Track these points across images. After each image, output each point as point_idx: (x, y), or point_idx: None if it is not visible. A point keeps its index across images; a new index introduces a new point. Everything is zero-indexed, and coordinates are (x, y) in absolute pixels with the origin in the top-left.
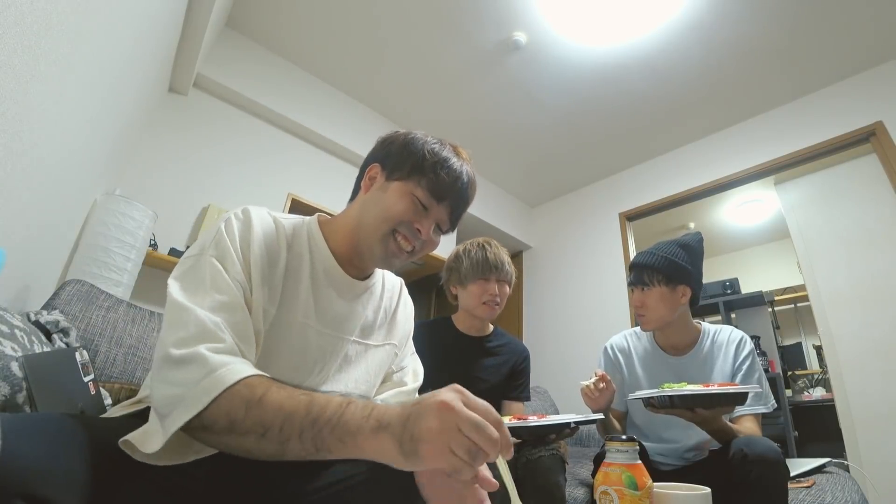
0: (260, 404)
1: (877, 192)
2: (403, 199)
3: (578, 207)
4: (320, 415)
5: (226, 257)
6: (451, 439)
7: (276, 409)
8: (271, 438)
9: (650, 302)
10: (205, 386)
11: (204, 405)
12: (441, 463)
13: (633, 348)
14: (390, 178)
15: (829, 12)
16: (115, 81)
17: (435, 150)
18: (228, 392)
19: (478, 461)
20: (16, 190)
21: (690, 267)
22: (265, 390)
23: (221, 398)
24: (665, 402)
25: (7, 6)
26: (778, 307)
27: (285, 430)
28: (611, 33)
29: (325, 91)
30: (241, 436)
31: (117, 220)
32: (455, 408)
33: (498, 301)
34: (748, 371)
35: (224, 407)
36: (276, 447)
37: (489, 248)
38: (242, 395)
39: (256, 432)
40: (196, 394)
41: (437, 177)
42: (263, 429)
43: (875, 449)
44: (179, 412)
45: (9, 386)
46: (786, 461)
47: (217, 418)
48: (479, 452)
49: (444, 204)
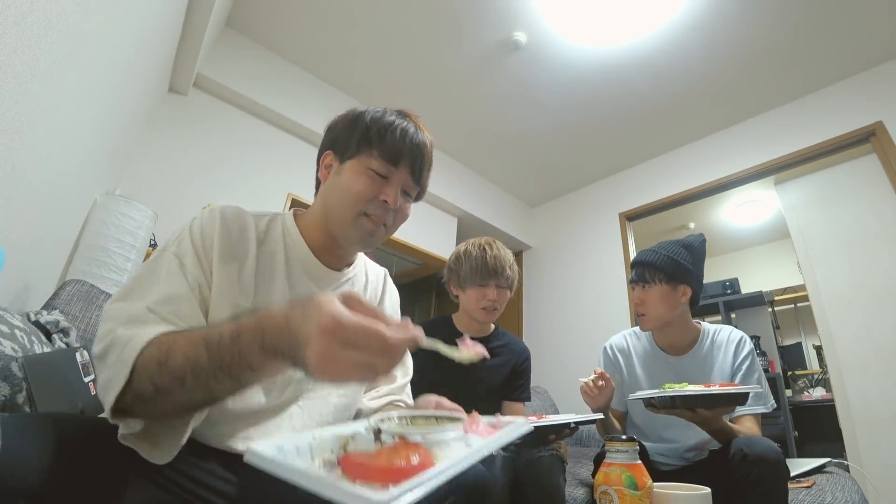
0: (168, 360)
1: (877, 192)
2: (360, 176)
3: (578, 207)
4: (222, 358)
5: (185, 254)
6: (340, 364)
7: (183, 361)
8: (192, 387)
9: (651, 300)
10: (123, 359)
11: (126, 377)
12: (342, 380)
13: (632, 348)
14: (343, 160)
15: (829, 12)
16: (116, 81)
17: (377, 117)
18: (141, 358)
19: (378, 371)
20: (16, 190)
21: (692, 267)
22: (170, 345)
23: (138, 366)
24: (666, 402)
25: (7, 6)
26: (778, 307)
27: (200, 377)
28: (611, 33)
29: (326, 91)
30: (168, 394)
31: (117, 220)
32: (335, 330)
33: (496, 307)
34: (748, 371)
35: (143, 373)
36: (203, 393)
37: (490, 250)
38: (153, 357)
39: (177, 387)
40: (117, 371)
41: (384, 142)
42: (181, 382)
43: (875, 449)
44: (111, 392)
45: (9, 386)
46: (786, 461)
47: (143, 386)
48: (373, 366)
49: (403, 166)
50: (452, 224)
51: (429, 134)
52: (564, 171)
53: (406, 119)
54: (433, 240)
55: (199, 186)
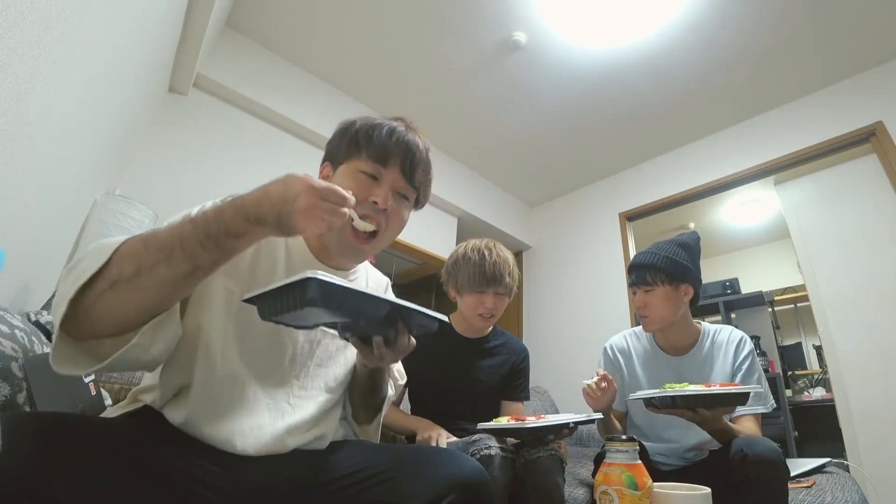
0: (154, 237)
1: (877, 192)
2: (349, 178)
3: (578, 207)
4: (208, 227)
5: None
6: (319, 209)
7: (169, 235)
8: (178, 257)
9: (654, 302)
10: (98, 249)
11: (101, 263)
12: (315, 229)
13: (632, 349)
14: (336, 166)
15: (829, 12)
16: (115, 81)
17: (365, 122)
18: (122, 247)
19: (337, 216)
20: (16, 190)
21: (691, 265)
22: (153, 232)
23: (118, 252)
24: (667, 402)
25: (7, 6)
26: (778, 307)
27: (186, 246)
28: (611, 33)
29: (326, 91)
30: (151, 269)
31: (117, 220)
32: (316, 187)
33: (493, 314)
34: (748, 371)
35: (124, 255)
36: (187, 263)
37: (489, 256)
38: (135, 241)
39: (162, 259)
40: (91, 259)
41: (372, 142)
42: (168, 252)
43: (875, 449)
44: (80, 275)
45: (9, 386)
46: (786, 461)
47: (122, 268)
48: (335, 210)
49: (392, 165)
50: (452, 224)
51: (423, 137)
52: (564, 171)
53: (396, 121)
54: (433, 240)
55: (199, 186)
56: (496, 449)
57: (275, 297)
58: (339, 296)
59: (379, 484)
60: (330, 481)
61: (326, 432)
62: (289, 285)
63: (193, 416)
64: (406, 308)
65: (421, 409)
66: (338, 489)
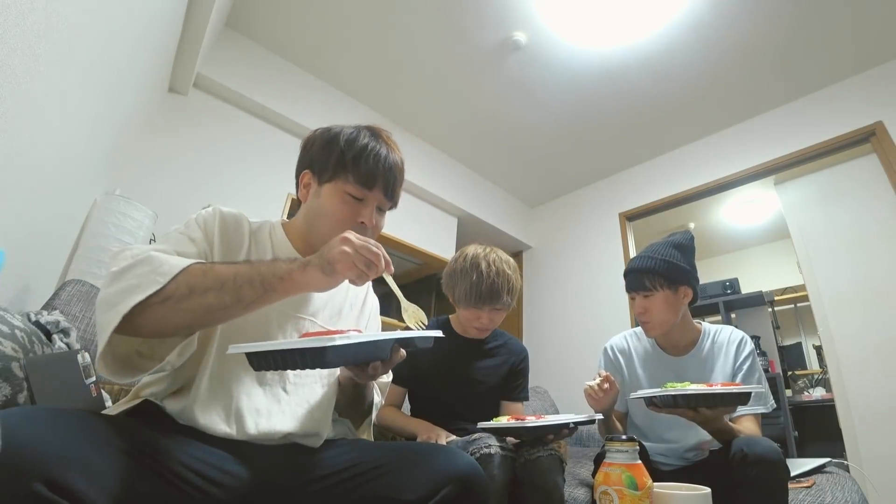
0: (213, 269)
1: (877, 192)
2: (338, 200)
3: (578, 207)
4: (259, 267)
5: (193, 232)
6: (354, 257)
7: (226, 269)
8: (228, 289)
9: (654, 307)
10: (162, 271)
11: (161, 284)
12: (350, 274)
13: (633, 349)
14: (321, 181)
15: (829, 12)
16: (115, 81)
17: (352, 139)
18: (185, 271)
19: (371, 269)
20: (16, 190)
21: (688, 266)
22: (210, 266)
23: (180, 275)
24: (668, 401)
25: (7, 6)
26: (778, 307)
27: (238, 280)
28: (611, 33)
29: (325, 91)
30: (202, 294)
31: (117, 220)
32: (351, 238)
33: (489, 327)
34: (749, 371)
35: (182, 280)
36: (233, 295)
37: (487, 273)
38: (197, 268)
39: (215, 288)
40: (153, 278)
41: (359, 167)
42: (220, 283)
43: (875, 449)
44: (139, 293)
45: (10, 386)
46: (786, 461)
47: (177, 289)
48: (371, 263)
49: (377, 188)
50: (452, 224)
51: (399, 153)
52: (564, 171)
53: (378, 140)
54: (433, 240)
55: (199, 186)
56: (496, 448)
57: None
58: (352, 352)
59: (375, 479)
60: (326, 476)
61: (320, 430)
62: (301, 350)
63: (191, 406)
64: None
65: (421, 410)
66: (333, 484)
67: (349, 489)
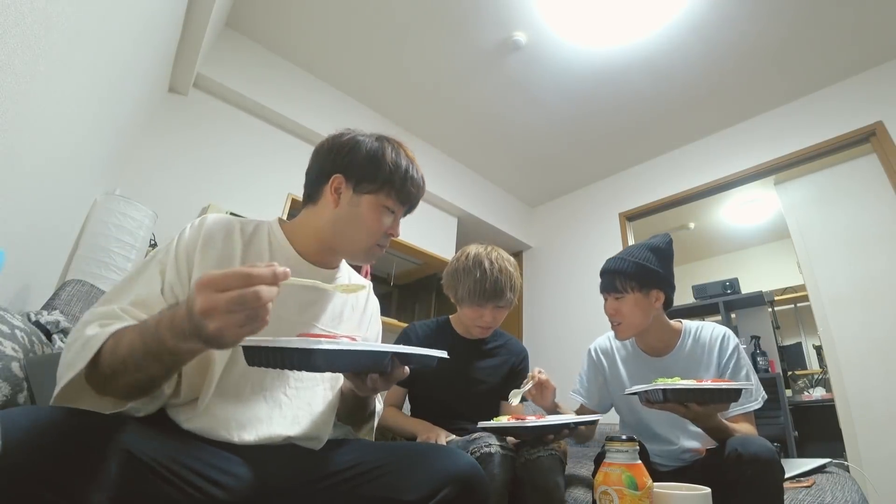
0: (116, 349)
1: (877, 192)
2: (378, 213)
3: (578, 207)
4: (148, 345)
5: (168, 263)
6: (222, 310)
7: (126, 349)
8: (133, 370)
9: (625, 309)
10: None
11: (87, 360)
12: (240, 335)
13: (615, 350)
14: (359, 190)
15: (829, 12)
16: (115, 81)
17: (397, 162)
18: (102, 348)
19: (260, 316)
20: (16, 190)
21: (662, 270)
22: (121, 336)
23: (99, 354)
24: (657, 396)
25: (7, 6)
26: (778, 307)
27: (138, 362)
28: (611, 33)
29: (325, 91)
30: (121, 375)
31: (117, 220)
32: (203, 282)
33: (491, 326)
34: (735, 368)
35: (102, 359)
36: (143, 374)
37: (490, 270)
38: (109, 346)
39: (122, 371)
40: (80, 357)
41: (404, 189)
42: (124, 366)
43: (875, 449)
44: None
45: (10, 386)
46: (781, 460)
47: (103, 369)
48: (255, 311)
49: (408, 205)
50: (452, 224)
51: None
52: (564, 171)
53: (413, 165)
54: (433, 240)
55: (199, 186)
56: (496, 447)
57: (271, 353)
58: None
59: (375, 479)
60: (327, 476)
61: (321, 434)
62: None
63: (193, 412)
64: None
65: (421, 410)
66: (334, 484)
67: (350, 489)
